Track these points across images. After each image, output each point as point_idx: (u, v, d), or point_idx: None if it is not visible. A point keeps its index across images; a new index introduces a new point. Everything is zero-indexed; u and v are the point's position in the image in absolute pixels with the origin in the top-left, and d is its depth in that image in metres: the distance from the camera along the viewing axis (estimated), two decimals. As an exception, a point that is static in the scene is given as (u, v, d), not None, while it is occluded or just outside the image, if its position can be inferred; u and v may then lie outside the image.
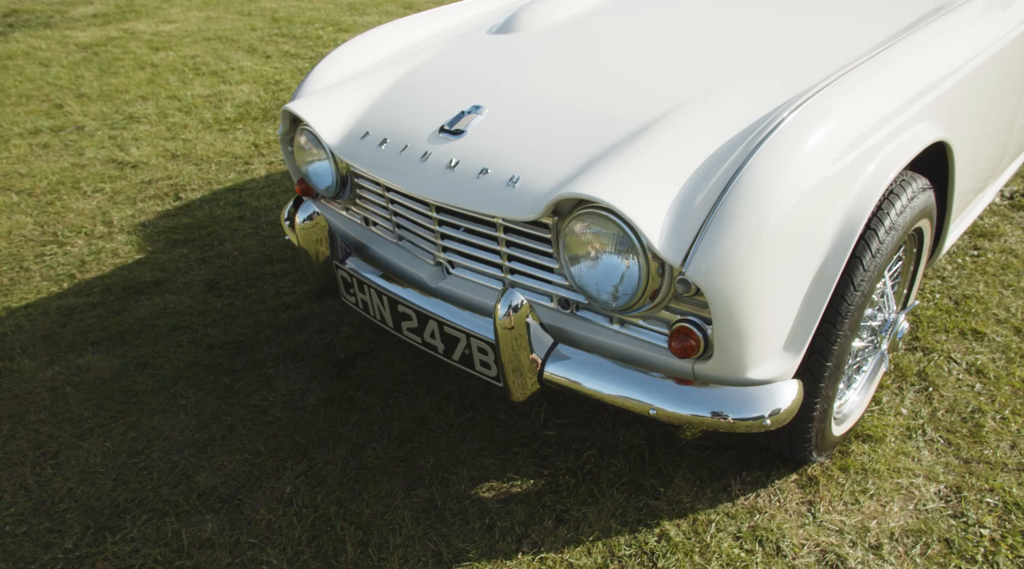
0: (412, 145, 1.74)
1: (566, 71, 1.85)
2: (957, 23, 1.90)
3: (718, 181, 1.39)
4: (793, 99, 1.55)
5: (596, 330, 1.58)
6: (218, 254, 3.03)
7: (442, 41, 2.24)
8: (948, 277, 2.58)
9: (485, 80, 1.88)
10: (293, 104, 1.95)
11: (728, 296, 1.32)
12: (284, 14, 7.43)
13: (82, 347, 2.48)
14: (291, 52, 5.96)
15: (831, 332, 1.54)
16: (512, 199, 1.53)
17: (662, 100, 1.65)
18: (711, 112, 1.56)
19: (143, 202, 3.56)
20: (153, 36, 6.85)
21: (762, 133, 1.45)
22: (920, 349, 2.25)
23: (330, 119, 1.92)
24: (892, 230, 1.58)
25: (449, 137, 1.70)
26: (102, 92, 5.31)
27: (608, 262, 1.44)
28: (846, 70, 1.64)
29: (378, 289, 1.83)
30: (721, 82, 1.68)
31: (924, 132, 1.69)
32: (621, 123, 1.59)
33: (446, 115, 1.77)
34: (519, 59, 1.97)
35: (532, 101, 1.74)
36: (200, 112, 4.74)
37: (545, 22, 2.21)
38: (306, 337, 2.48)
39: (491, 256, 1.69)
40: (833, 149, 1.45)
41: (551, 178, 1.51)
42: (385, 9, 7.35)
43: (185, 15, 7.74)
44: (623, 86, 1.73)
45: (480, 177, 1.59)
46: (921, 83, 1.71)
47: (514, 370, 1.57)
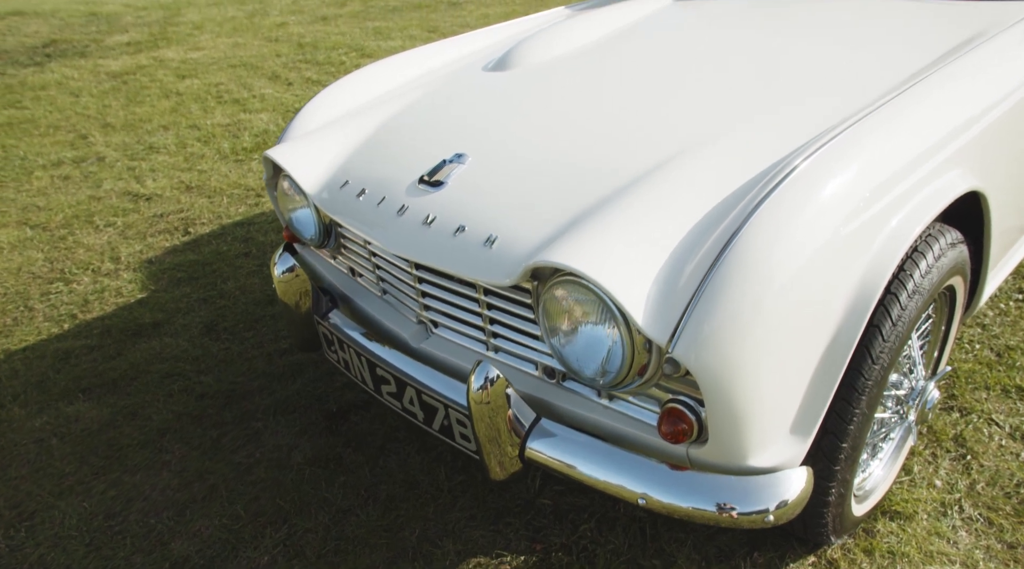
0: (390, 197, 1.63)
1: (557, 115, 1.72)
2: (989, 57, 1.72)
3: (712, 246, 1.24)
4: (802, 147, 1.40)
5: (583, 404, 1.44)
6: (220, 294, 2.96)
7: (436, 78, 2.14)
8: (989, 325, 2.37)
9: (471, 124, 1.76)
10: (273, 151, 1.86)
11: (721, 378, 1.17)
12: (310, 39, 7.46)
13: (73, 394, 2.42)
14: (313, 78, 5.95)
15: (846, 411, 1.37)
16: (488, 261, 1.40)
17: (657, 150, 1.51)
18: (709, 164, 1.41)
19: (152, 237, 3.52)
20: (181, 64, 6.93)
21: (764, 189, 1.29)
22: (957, 409, 2.05)
23: (311, 166, 1.83)
24: (916, 294, 1.41)
25: (428, 189, 1.59)
26: (126, 122, 5.35)
27: (591, 334, 1.30)
28: (864, 113, 1.48)
29: (357, 349, 1.71)
30: (724, 127, 1.53)
31: (954, 182, 1.51)
32: (610, 176, 1.45)
33: (427, 164, 1.65)
34: (510, 100, 1.85)
35: (518, 149, 1.62)
36: (218, 142, 4.73)
37: (543, 58, 2.08)
38: (300, 386, 2.38)
39: (473, 318, 1.57)
40: (845, 206, 1.29)
41: (531, 239, 1.38)
42: (410, 33, 7.34)
43: (214, 42, 7.84)
44: (616, 133, 1.60)
45: (456, 235, 1.46)
46: (950, 125, 1.54)
47: (492, 447, 1.43)
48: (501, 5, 8.40)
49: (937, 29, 1.92)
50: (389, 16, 8.39)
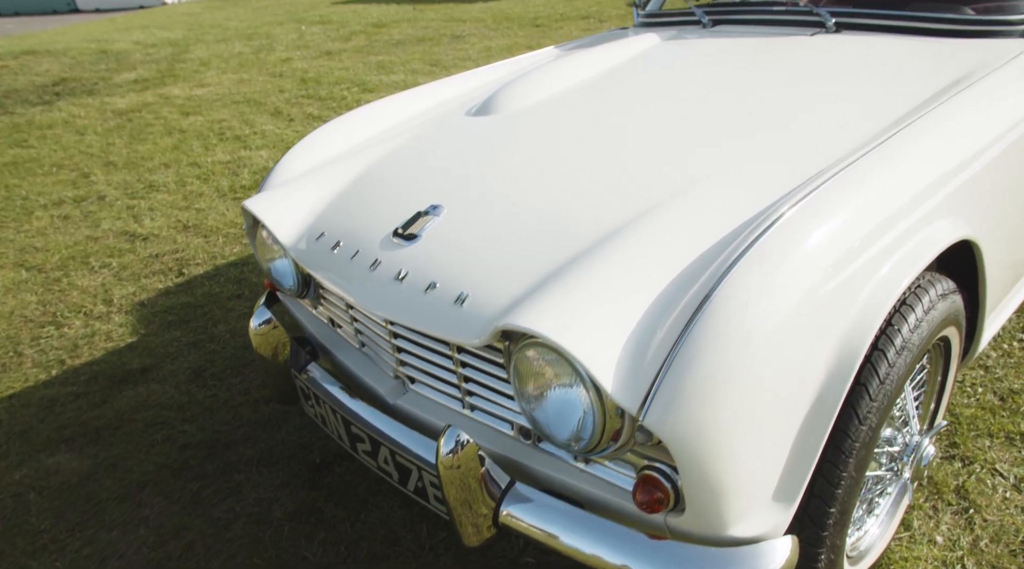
0: (364, 250, 1.59)
1: (537, 163, 1.69)
2: (978, 99, 1.67)
3: (686, 306, 1.19)
4: (783, 199, 1.35)
5: (559, 467, 1.38)
6: (210, 337, 2.93)
7: (419, 124, 2.12)
8: (992, 367, 2.29)
9: (449, 173, 1.73)
10: (250, 201, 1.84)
11: (695, 447, 1.12)
12: (313, 74, 7.53)
13: (56, 445, 2.38)
14: (314, 114, 5.98)
15: (833, 474, 1.31)
16: (459, 320, 1.36)
17: (635, 201, 1.47)
18: (686, 218, 1.37)
19: (147, 278, 3.51)
20: (186, 101, 7.01)
21: (741, 245, 1.25)
22: (959, 458, 1.97)
23: (288, 217, 1.80)
24: (905, 350, 1.35)
25: (402, 243, 1.55)
26: (129, 160, 5.39)
27: (563, 397, 1.25)
28: (848, 161, 1.43)
29: (333, 406, 1.67)
30: (704, 177, 1.49)
31: (944, 231, 1.46)
32: (585, 230, 1.41)
33: (402, 216, 1.62)
34: (490, 147, 1.82)
35: (495, 200, 1.58)
36: (218, 180, 4.74)
37: (527, 102, 2.06)
38: (284, 435, 2.33)
39: (448, 375, 1.52)
40: (826, 261, 1.24)
41: (501, 298, 1.33)
42: (412, 67, 7.39)
43: (219, 78, 7.93)
44: (594, 183, 1.56)
45: (428, 292, 1.42)
46: (938, 172, 1.49)
47: (465, 511, 1.38)
48: (503, 38, 8.47)
49: (926, 69, 1.88)
50: (392, 50, 8.47)
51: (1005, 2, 2.12)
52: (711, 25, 2.50)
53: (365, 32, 10.03)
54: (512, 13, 10.25)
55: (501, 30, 9.03)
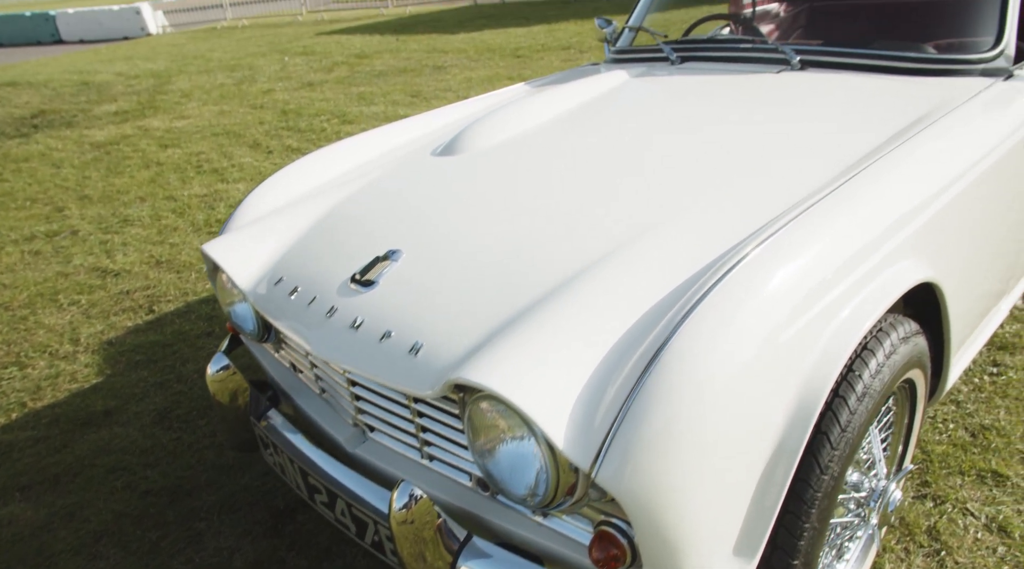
0: (321, 297, 1.56)
1: (498, 205, 1.67)
2: (937, 139, 1.68)
3: (640, 358, 1.17)
4: (737, 246, 1.33)
5: (516, 520, 1.35)
6: (177, 378, 2.88)
7: (384, 163, 2.10)
8: (963, 402, 2.28)
9: (410, 216, 1.71)
10: (210, 245, 1.81)
11: (649, 504, 1.09)
12: (294, 106, 7.54)
13: (10, 493, 2.31)
14: (293, 146, 5.97)
15: (796, 525, 1.28)
16: (412, 370, 1.33)
17: (594, 245, 1.45)
18: (643, 264, 1.35)
19: (116, 316, 3.45)
20: (165, 133, 6.99)
21: (696, 293, 1.23)
22: (931, 497, 1.95)
23: (247, 261, 1.77)
24: (867, 396, 1.33)
25: (359, 289, 1.52)
26: (104, 193, 5.35)
27: (516, 450, 1.22)
28: (805, 205, 1.42)
29: (291, 455, 1.62)
30: (662, 220, 1.48)
31: (904, 273, 1.45)
32: (543, 277, 1.39)
33: (360, 261, 1.60)
34: (453, 189, 1.81)
35: (455, 244, 1.56)
36: (193, 214, 4.71)
37: (492, 141, 2.05)
38: (248, 481, 2.27)
39: (406, 424, 1.49)
40: (783, 309, 1.22)
41: (455, 349, 1.31)
42: (393, 98, 7.43)
43: (200, 110, 7.93)
44: (555, 226, 1.54)
45: (383, 341, 1.39)
46: (897, 214, 1.48)
47: (420, 566, 1.33)
48: (485, 69, 8.53)
49: (889, 108, 1.89)
50: (374, 81, 8.52)
51: (967, 39, 2.15)
52: (679, 62, 2.52)
53: (348, 63, 10.09)
54: (494, 44, 10.36)
55: (483, 61, 9.10)
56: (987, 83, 1.98)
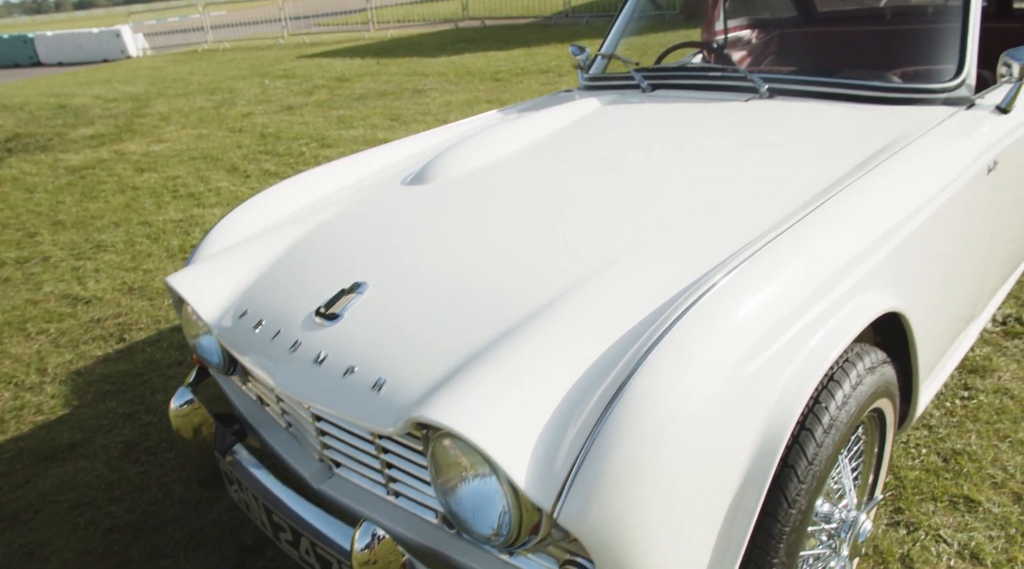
0: (285, 331, 1.54)
1: (467, 235, 1.67)
2: (903, 167, 1.70)
3: (604, 393, 1.15)
4: (701, 279, 1.33)
5: (482, 559, 1.32)
6: (147, 408, 2.82)
7: (353, 192, 2.09)
8: (936, 426, 2.29)
9: (378, 247, 1.70)
10: (174, 277, 1.78)
11: (612, 543, 1.07)
12: (273, 129, 7.53)
13: (-30, 532, 2.25)
14: (271, 171, 5.95)
15: (764, 560, 1.27)
16: (375, 407, 1.30)
17: (562, 276, 1.44)
18: (609, 297, 1.34)
19: (85, 345, 3.39)
20: (142, 157, 6.94)
21: (660, 327, 1.22)
22: (904, 524, 1.94)
23: (213, 293, 1.74)
24: (833, 429, 1.33)
25: (323, 323, 1.50)
26: (78, 218, 5.29)
27: (480, 489, 1.20)
28: (768, 237, 1.42)
29: (255, 492, 1.59)
30: (628, 251, 1.48)
31: (871, 304, 1.45)
32: (508, 310, 1.38)
33: (325, 294, 1.58)
34: (422, 218, 1.80)
35: (421, 275, 1.55)
36: (168, 239, 4.66)
37: (462, 170, 2.05)
38: (216, 515, 2.22)
39: (371, 460, 1.46)
40: (746, 343, 1.22)
41: (418, 385, 1.29)
42: (372, 122, 7.44)
43: (178, 133, 7.89)
44: (523, 256, 1.53)
45: (346, 377, 1.37)
46: (865, 241, 1.49)
47: (386, 610, 1.30)
48: (464, 92, 8.58)
49: (854, 136, 1.91)
50: (354, 105, 8.53)
51: (933, 66, 2.18)
52: (650, 90, 2.54)
53: (328, 86, 10.11)
54: (474, 67, 10.43)
55: (462, 84, 9.16)
56: (950, 112, 2.01)
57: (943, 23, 2.17)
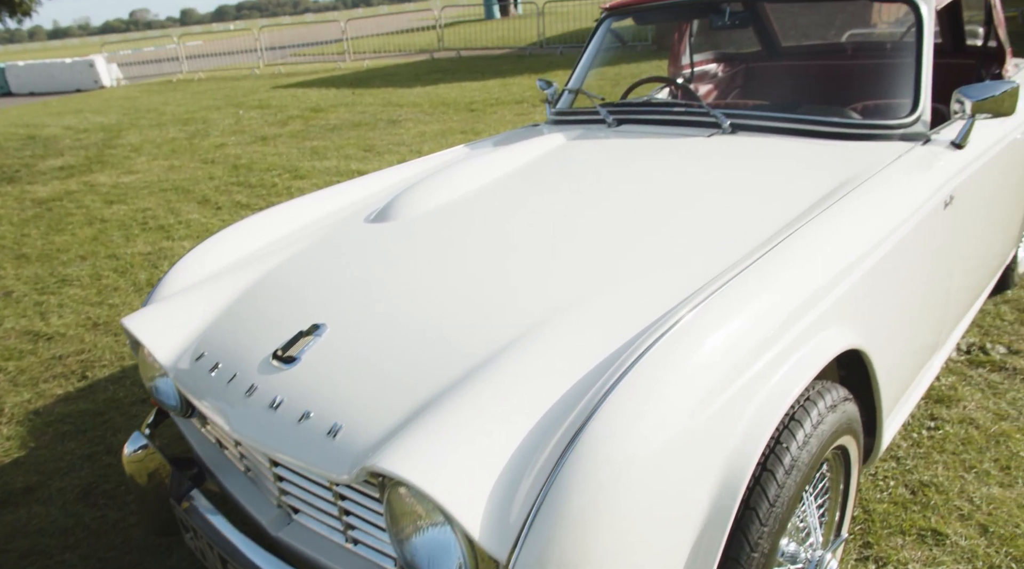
0: (241, 374, 1.51)
1: (428, 275, 1.65)
2: (862, 203, 1.72)
3: (560, 440, 1.14)
4: (659, 321, 1.33)
5: (442, 609, 1.29)
6: (107, 449, 2.75)
7: (316, 230, 2.07)
8: (903, 458, 2.30)
9: (337, 288, 1.68)
10: (130, 319, 1.74)
11: (571, 596, 1.05)
12: (246, 161, 7.50)
13: (-85, 584, 2.16)
14: (242, 202, 5.91)
15: (727, 606, 1.25)
16: (330, 454, 1.28)
17: (523, 317, 1.43)
18: (567, 340, 1.33)
19: (46, 383, 3.31)
20: (112, 189, 6.86)
21: (616, 371, 1.21)
22: (873, 560, 1.93)
23: (169, 335, 1.71)
24: (795, 470, 1.32)
25: (280, 366, 1.47)
26: (43, 252, 5.19)
27: (435, 538, 1.17)
28: (732, 272, 1.42)
29: (210, 541, 1.54)
30: (589, 292, 1.47)
31: (831, 341, 1.46)
32: (468, 353, 1.36)
33: (283, 336, 1.55)
34: (382, 258, 1.78)
35: (379, 318, 1.53)
36: (135, 273, 4.59)
37: (425, 207, 2.04)
38: (175, 561, 2.15)
39: (329, 506, 1.42)
40: (704, 385, 1.21)
41: (375, 431, 1.26)
42: (346, 153, 7.43)
43: (149, 165, 7.83)
44: (484, 297, 1.52)
45: (301, 422, 1.34)
46: (824, 278, 1.50)
47: (342, 666, 1.26)
48: (438, 123, 8.62)
49: (814, 172, 1.93)
50: (328, 135, 8.53)
51: (890, 101, 2.23)
52: (616, 125, 2.56)
53: (302, 117, 10.11)
54: (448, 98, 10.51)
55: (437, 114, 9.21)
56: (907, 147, 2.05)
57: (899, 59, 2.22)
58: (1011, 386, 2.62)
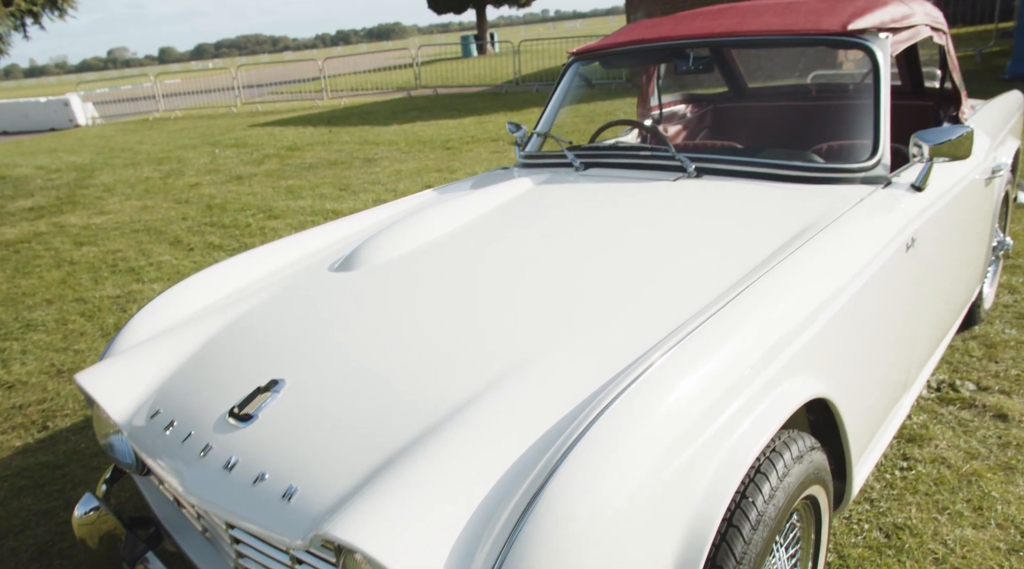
0: (196, 433, 1.47)
1: (389, 329, 1.62)
2: (825, 248, 1.73)
3: (517, 504, 1.11)
4: (618, 377, 1.31)
5: None
6: (65, 504, 2.65)
7: (279, 279, 2.04)
8: (877, 500, 2.28)
9: (298, 341, 1.65)
10: (83, 375, 1.70)
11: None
12: (220, 200, 7.45)
13: None
14: (215, 243, 5.85)
15: (696, 668, 1.22)
16: (285, 518, 1.23)
17: (478, 377, 1.40)
18: (526, 395, 1.31)
19: (4, 434, 3.20)
20: (82, 230, 6.78)
21: (578, 428, 1.19)
22: (849, 608, 1.90)
23: (124, 391, 1.66)
24: (761, 525, 1.30)
25: (237, 424, 1.43)
26: (8, 296, 5.09)
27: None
28: (684, 329, 1.41)
29: (162, 608, 1.48)
30: (550, 344, 1.45)
31: (796, 390, 1.45)
32: (428, 412, 1.33)
33: (240, 392, 1.51)
34: (344, 310, 1.75)
35: (339, 374, 1.50)
36: (103, 317, 4.50)
37: (391, 255, 2.02)
38: (132, 624, 2.07)
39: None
40: (667, 439, 1.19)
41: (331, 494, 1.22)
42: (321, 192, 7.42)
43: (122, 205, 7.75)
44: (445, 352, 1.50)
45: (256, 485, 1.30)
46: (789, 325, 1.49)
47: None
48: (414, 161, 8.66)
49: (778, 216, 1.94)
50: (304, 174, 8.52)
51: (853, 141, 2.26)
52: (583, 169, 2.57)
53: (279, 155, 10.11)
54: (425, 136, 10.57)
55: (413, 153, 9.25)
56: (869, 190, 2.07)
57: (860, 100, 2.26)
58: (981, 423, 2.63)
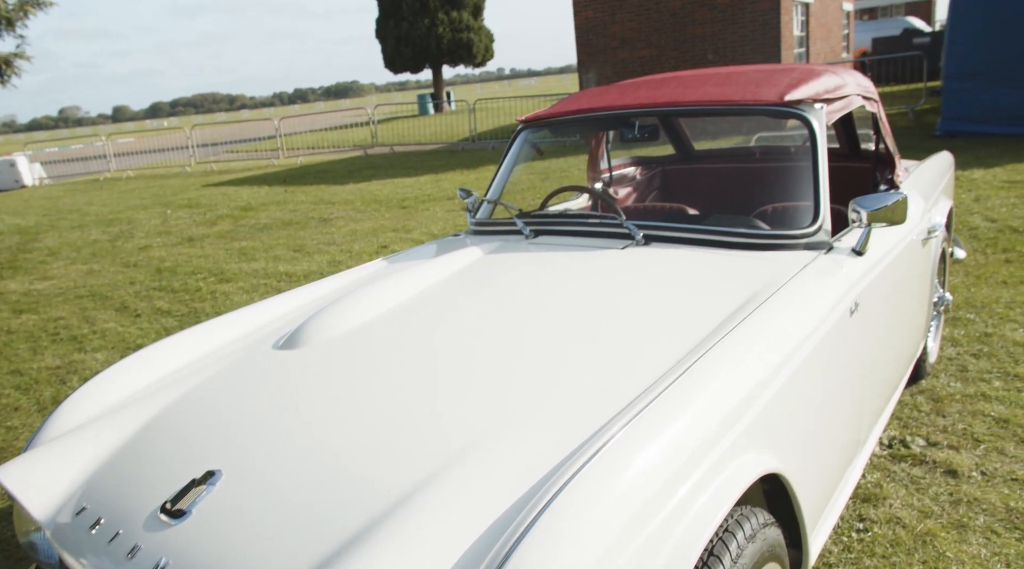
0: (125, 532, 1.38)
1: (333, 413, 1.57)
2: (769, 318, 1.74)
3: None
4: (564, 463, 1.28)
5: None
6: (-13, 600, 2.47)
7: (219, 359, 1.98)
8: (835, 564, 2.26)
9: (237, 428, 1.58)
10: (6, 468, 1.59)
11: None
12: (171, 263, 7.30)
13: None
14: (163, 309, 5.70)
15: None
16: (216, 630, 1.16)
17: (429, 457, 1.36)
18: (467, 490, 1.26)
19: (-76, 524, 2.99)
20: (22, 296, 6.55)
21: (525, 519, 1.15)
22: None
23: (47, 486, 1.57)
24: (715, 611, 1.27)
25: (168, 521, 1.36)
26: (-61, 370, 4.84)
27: None
28: (631, 410, 1.38)
29: None
30: (494, 428, 1.41)
31: (748, 467, 1.43)
32: (370, 503, 1.28)
33: (174, 486, 1.44)
34: (285, 393, 1.69)
35: (278, 464, 1.43)
36: (40, 390, 4.31)
37: (336, 331, 1.97)
38: None
39: None
40: (614, 529, 1.16)
41: (264, 599, 1.16)
42: (275, 253, 7.32)
43: (66, 269, 7.54)
44: (390, 435, 1.45)
45: (186, 592, 1.22)
46: (733, 402, 1.49)
47: None
48: (370, 220, 8.64)
49: (724, 284, 1.96)
50: (257, 235, 8.43)
51: (797, 204, 2.31)
52: (533, 236, 2.58)
53: (232, 216, 10.00)
54: (381, 195, 10.59)
55: (369, 212, 9.24)
56: (812, 256, 2.11)
57: (801, 163, 2.33)
58: (932, 481, 2.65)
